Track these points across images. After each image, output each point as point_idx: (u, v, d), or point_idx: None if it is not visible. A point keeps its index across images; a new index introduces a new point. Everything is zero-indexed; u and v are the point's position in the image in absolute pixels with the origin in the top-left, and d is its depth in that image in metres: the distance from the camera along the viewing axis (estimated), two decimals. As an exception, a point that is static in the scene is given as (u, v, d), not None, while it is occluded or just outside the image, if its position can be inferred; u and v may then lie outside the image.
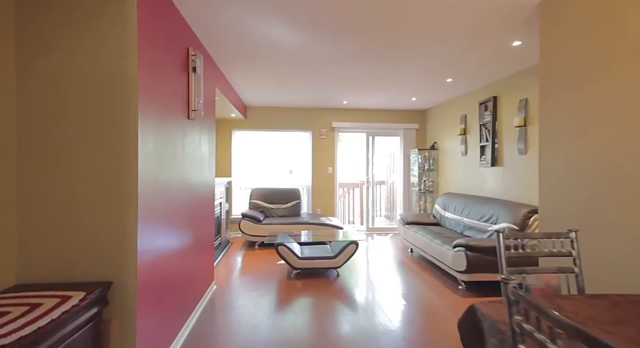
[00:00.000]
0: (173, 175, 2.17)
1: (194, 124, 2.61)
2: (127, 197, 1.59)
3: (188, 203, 2.50)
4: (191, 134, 2.56)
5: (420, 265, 4.07)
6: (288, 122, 5.89)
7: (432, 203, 5.64)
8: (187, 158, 2.47)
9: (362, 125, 6.00)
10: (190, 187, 2.55)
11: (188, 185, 2.49)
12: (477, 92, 4.36)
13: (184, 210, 2.40)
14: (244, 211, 5.03)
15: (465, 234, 3.99)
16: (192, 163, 2.61)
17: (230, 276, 3.65)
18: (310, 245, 4.08)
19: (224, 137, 5.76)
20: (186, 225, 2.45)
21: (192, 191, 2.62)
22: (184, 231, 2.40)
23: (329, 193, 5.97)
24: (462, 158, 4.76)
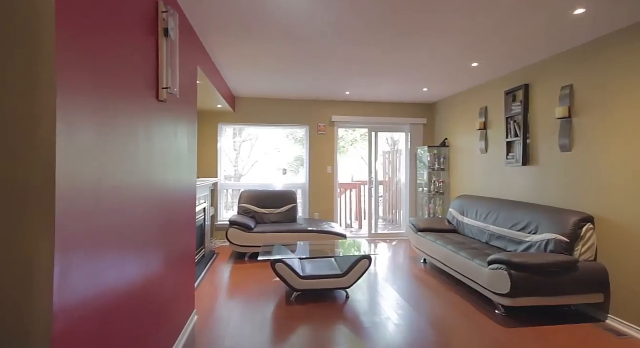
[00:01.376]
0: (132, 178, 1.50)
1: (166, 109, 1.94)
2: (32, 219, 0.93)
3: (158, 213, 1.83)
4: (162, 121, 1.89)
5: (440, 281, 3.50)
6: (282, 115, 5.23)
7: (443, 206, 5.09)
8: (156, 154, 1.80)
9: (364, 119, 5.40)
10: (161, 192, 1.88)
11: (157, 189, 1.83)
12: (502, 80, 3.81)
13: (151, 224, 1.73)
14: (232, 217, 4.35)
15: (493, 245, 3.43)
16: (164, 161, 1.94)
17: (216, 301, 2.98)
18: (313, 259, 3.44)
19: (210, 132, 5.06)
20: (155, 243, 1.79)
21: (165, 197, 1.95)
22: (152, 252, 1.74)
23: (328, 196, 5.35)
24: (482, 156, 4.22)
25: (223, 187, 5.23)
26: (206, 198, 4.23)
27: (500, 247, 3.32)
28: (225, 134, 5.25)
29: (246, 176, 7.83)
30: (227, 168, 7.05)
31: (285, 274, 2.92)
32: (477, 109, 4.28)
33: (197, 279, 3.39)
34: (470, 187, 4.50)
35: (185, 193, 2.41)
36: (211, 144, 5.06)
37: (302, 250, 3.50)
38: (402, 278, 3.62)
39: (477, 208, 3.88)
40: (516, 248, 3.11)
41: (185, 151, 2.40)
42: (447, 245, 3.48)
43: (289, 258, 3.03)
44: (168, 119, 2.00)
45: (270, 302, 2.95)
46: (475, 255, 3.06)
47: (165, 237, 1.97)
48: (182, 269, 2.33)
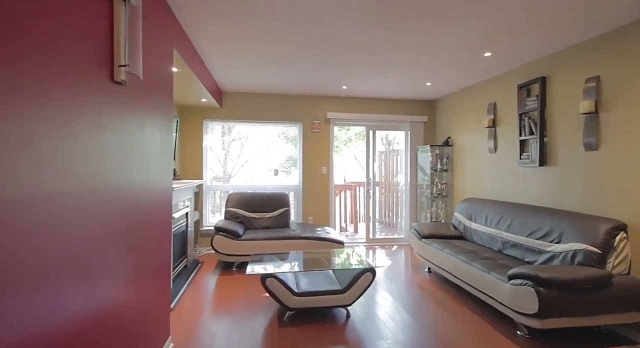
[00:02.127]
0: (73, 182, 1.10)
1: (127, 94, 1.53)
2: None
3: (116, 224, 1.44)
4: (122, 110, 1.49)
5: (449, 294, 3.16)
6: (274, 112, 4.83)
7: (445, 209, 4.77)
8: (112, 151, 1.40)
9: (361, 116, 5.04)
10: (120, 199, 1.48)
11: (115, 195, 1.42)
12: (515, 73, 3.50)
13: (105, 240, 1.33)
14: (218, 223, 3.94)
15: (507, 254, 3.11)
16: (126, 160, 1.54)
17: (197, 322, 2.57)
18: (308, 271, 3.06)
19: (194, 129, 4.63)
20: (110, 263, 1.39)
21: (127, 204, 1.55)
22: (105, 275, 1.34)
23: (323, 198, 4.97)
24: (490, 156, 3.90)
25: (209, 189, 4.81)
26: (189, 201, 3.81)
27: (516, 257, 3.00)
28: (211, 131, 4.83)
29: (236, 177, 7.40)
30: (216, 168, 6.61)
31: (277, 291, 2.53)
32: (485, 105, 3.97)
33: (177, 295, 2.97)
34: (477, 189, 4.18)
35: (157, 197, 2.01)
36: (195, 142, 4.64)
37: (295, 261, 3.11)
38: (407, 290, 3.27)
39: (486, 212, 3.56)
40: (535, 258, 2.79)
41: (156, 148, 1.99)
42: (456, 254, 3.14)
43: (281, 273, 2.64)
44: (130, 107, 1.59)
45: (260, 322, 2.56)
46: (491, 266, 2.73)
47: (128, 253, 1.57)
48: (153, 289, 1.93)
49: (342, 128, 9.82)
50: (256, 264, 2.79)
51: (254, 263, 2.81)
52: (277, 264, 2.89)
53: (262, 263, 2.87)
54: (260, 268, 2.69)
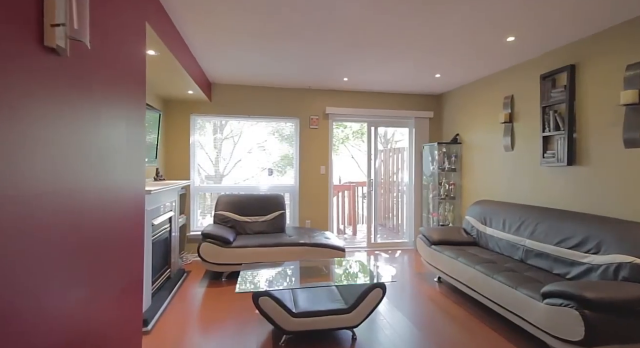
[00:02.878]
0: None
1: (68, 68, 1.13)
2: None
3: (56, 239, 1.03)
4: (59, 89, 1.09)
5: (465, 309, 2.81)
6: (268, 106, 4.44)
7: (453, 212, 4.43)
8: (44, 144, 1.00)
9: (363, 112, 4.67)
10: (65, 207, 1.08)
11: (53, 201, 1.03)
12: (536, 62, 3.16)
13: (35, 262, 0.93)
14: (205, 228, 3.54)
15: (531, 264, 2.77)
16: (70, 156, 1.14)
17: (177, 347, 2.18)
18: (308, 287, 2.68)
19: (180, 126, 4.22)
20: (48, 286, 0.99)
21: (72, 212, 1.15)
22: (37, 303, 0.94)
23: (321, 200, 4.60)
24: (506, 154, 3.56)
25: (197, 191, 4.40)
26: (174, 205, 3.41)
27: (542, 268, 2.65)
28: (200, 127, 4.42)
29: (228, 177, 7.00)
30: (207, 167, 6.19)
31: (272, 311, 2.15)
32: (501, 98, 3.62)
33: (157, 313, 2.58)
34: (490, 190, 3.84)
35: (123, 202, 1.61)
36: (182, 139, 4.23)
37: (292, 272, 2.73)
38: (418, 304, 2.91)
39: (504, 216, 3.22)
40: (567, 270, 2.45)
41: (121, 143, 1.59)
42: (473, 264, 2.79)
43: (276, 289, 2.26)
44: (76, 88, 1.19)
45: (251, 346, 2.18)
46: (516, 280, 2.38)
47: (74, 273, 1.17)
48: (116, 313, 1.53)
49: (339, 125, 9.46)
50: (247, 278, 2.40)
51: (245, 277, 2.42)
52: (272, 278, 2.51)
53: (253, 276, 2.49)
54: (252, 283, 2.31)
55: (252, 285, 2.28)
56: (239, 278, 2.40)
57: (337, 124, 4.82)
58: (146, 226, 2.53)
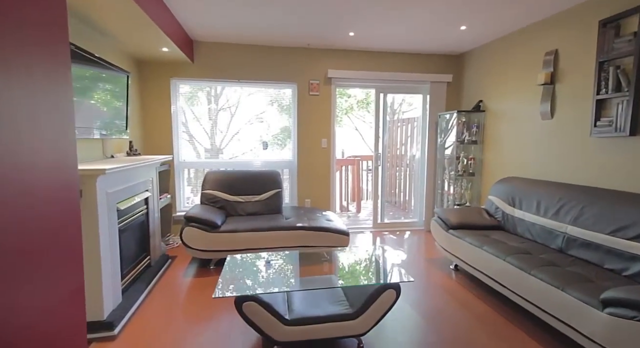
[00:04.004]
0: None
1: None
2: None
3: None
4: None
5: (490, 305, 2.38)
6: (261, 69, 3.84)
7: (471, 191, 3.93)
8: None
9: (370, 75, 4.05)
10: None
11: None
12: (593, 4, 2.50)
13: None
14: (190, 211, 3.09)
15: (573, 255, 2.30)
16: None
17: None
18: (305, 290, 2.24)
19: (158, 91, 3.65)
20: None
21: None
22: None
23: (323, 177, 4.11)
24: (543, 123, 2.99)
25: (183, 166, 3.92)
26: (151, 183, 2.94)
27: (590, 261, 2.18)
28: (189, 95, 3.84)
29: (226, 150, 6.49)
30: (204, 141, 5.62)
31: (259, 319, 1.73)
32: (540, 54, 2.99)
33: (129, 311, 2.18)
34: (519, 166, 3.31)
35: (40, 193, 1.13)
36: (162, 107, 3.67)
37: (288, 264, 2.29)
38: (435, 300, 2.49)
39: (538, 197, 2.72)
40: (625, 266, 1.98)
41: (36, 104, 1.08)
42: (504, 255, 2.33)
43: (266, 293, 1.82)
44: None
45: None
46: (562, 278, 1.92)
47: None
48: (47, 334, 1.09)
49: (342, 94, 8.76)
50: (231, 275, 1.96)
51: (228, 274, 1.98)
52: (262, 273, 2.07)
53: (239, 271, 2.06)
54: (235, 283, 1.87)
55: (235, 286, 1.84)
56: (220, 275, 1.96)
57: (340, 91, 4.20)
58: (107, 213, 2.07)
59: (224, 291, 1.78)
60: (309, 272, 2.18)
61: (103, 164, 2.17)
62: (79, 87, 2.20)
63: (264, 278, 1.99)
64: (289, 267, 2.19)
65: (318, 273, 2.20)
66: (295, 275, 2.10)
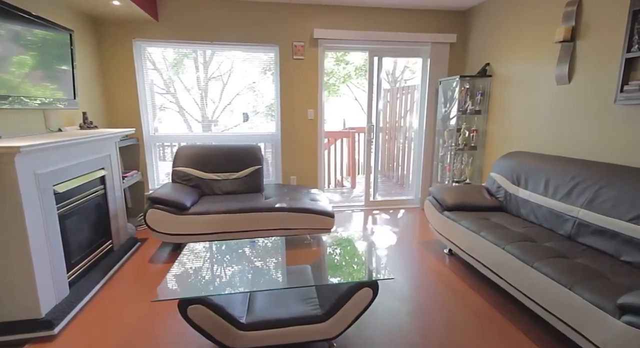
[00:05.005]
0: None
1: None
2: None
3: None
4: None
5: (487, 298, 2.12)
6: (237, 29, 3.36)
7: (472, 166, 3.57)
8: None
9: (363, 35, 3.56)
10: None
11: None
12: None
13: None
14: (156, 191, 2.79)
15: (583, 243, 1.98)
16: None
17: (80, 370, 1.56)
18: (266, 288, 1.95)
19: (120, 55, 3.22)
20: None
21: None
22: None
23: (309, 151, 3.76)
24: (558, 89, 2.57)
25: (153, 141, 3.57)
26: (108, 160, 2.61)
27: (605, 251, 1.87)
28: (146, 55, 3.39)
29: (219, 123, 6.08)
30: (194, 112, 5.20)
31: (208, 324, 1.46)
32: (560, 5, 2.51)
33: (75, 307, 1.94)
34: (529, 139, 2.93)
35: None
36: (124, 72, 3.25)
37: (257, 255, 2.01)
38: (424, 291, 2.23)
39: (547, 175, 2.37)
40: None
41: None
42: (503, 243, 2.02)
43: (220, 294, 1.54)
44: None
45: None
46: (571, 273, 1.62)
47: None
48: None
49: (339, 61, 8.14)
50: (184, 270, 1.68)
51: (181, 270, 1.70)
52: (223, 266, 1.79)
53: (196, 263, 1.78)
54: (185, 279, 1.59)
55: (183, 285, 1.56)
56: (170, 269, 1.69)
57: (338, 57, 3.74)
58: (38, 197, 1.77)
59: (165, 293, 1.50)
60: (289, 259, 1.90)
61: (32, 139, 1.83)
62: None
63: (223, 273, 1.71)
64: (259, 256, 1.91)
65: (294, 261, 1.93)
66: (263, 267, 1.81)
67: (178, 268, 1.70)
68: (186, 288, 1.53)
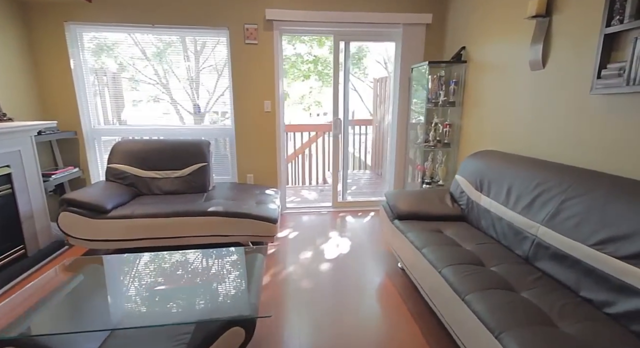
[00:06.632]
0: None
1: None
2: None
3: None
4: None
5: (420, 322, 1.76)
6: (179, 10, 3.03)
7: (446, 166, 3.16)
8: None
9: (325, 17, 3.16)
10: None
11: None
12: None
13: None
14: (72, 191, 2.54)
15: (540, 268, 1.58)
16: None
17: None
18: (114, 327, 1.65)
19: (51, 41, 2.95)
20: None
21: None
22: None
23: (267, 147, 3.43)
24: (533, 76, 2.14)
25: (94, 135, 3.32)
26: (18, 156, 2.37)
27: (562, 282, 1.48)
28: (82, 41, 3.10)
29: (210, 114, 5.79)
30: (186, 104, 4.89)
31: (34, 365, 1.18)
32: (535, -29, 2.04)
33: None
34: (503, 136, 2.50)
35: None
36: (58, 61, 2.99)
37: (135, 279, 1.72)
38: (358, 314, 1.89)
39: (510, 180, 1.96)
40: (609, 298, 1.27)
41: None
42: (442, 264, 1.65)
43: (36, 336, 1.25)
44: None
45: None
46: (505, 313, 1.26)
47: None
48: None
49: (332, 49, 7.67)
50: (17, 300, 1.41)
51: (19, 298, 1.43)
52: (77, 297, 1.51)
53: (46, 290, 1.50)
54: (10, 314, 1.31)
55: (9, 319, 1.29)
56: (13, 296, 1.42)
57: (291, 34, 3.37)
58: None
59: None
60: (191, 277, 1.60)
61: None
62: None
63: (78, 302, 1.43)
64: (147, 275, 1.62)
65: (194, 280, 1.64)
66: (138, 291, 1.52)
67: (22, 295, 1.43)
68: (11, 325, 1.25)
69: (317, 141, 5.06)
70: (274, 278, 2.30)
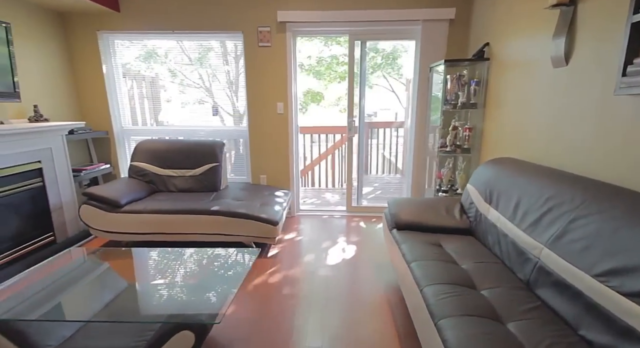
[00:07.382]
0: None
1: None
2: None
3: None
4: None
5: (409, 342, 1.62)
6: (198, 16, 3.15)
7: (466, 173, 2.91)
8: None
9: (339, 16, 3.08)
10: None
11: None
12: None
13: None
14: (92, 187, 2.76)
15: (540, 295, 1.37)
16: None
17: None
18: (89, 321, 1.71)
19: (90, 48, 3.24)
20: None
21: None
22: None
23: (280, 148, 3.43)
24: (555, 73, 1.87)
25: (125, 135, 3.57)
26: (49, 152, 2.63)
27: (560, 314, 1.26)
28: (119, 49, 3.37)
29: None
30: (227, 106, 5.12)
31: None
32: (559, -46, 1.78)
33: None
34: (523, 141, 2.23)
35: None
36: (91, 66, 3.26)
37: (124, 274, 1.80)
38: (343, 337, 1.80)
39: (520, 193, 1.73)
40: (612, 342, 1.04)
41: None
42: (425, 282, 1.50)
43: (14, 320, 1.35)
44: None
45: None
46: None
47: None
48: None
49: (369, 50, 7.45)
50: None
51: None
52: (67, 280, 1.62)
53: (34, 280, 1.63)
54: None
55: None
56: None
57: (304, 36, 3.34)
58: None
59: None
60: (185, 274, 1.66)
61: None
62: None
63: (65, 290, 1.53)
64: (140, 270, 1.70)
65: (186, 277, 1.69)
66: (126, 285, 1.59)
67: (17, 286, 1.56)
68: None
69: (342, 145, 4.95)
70: (267, 280, 2.29)
